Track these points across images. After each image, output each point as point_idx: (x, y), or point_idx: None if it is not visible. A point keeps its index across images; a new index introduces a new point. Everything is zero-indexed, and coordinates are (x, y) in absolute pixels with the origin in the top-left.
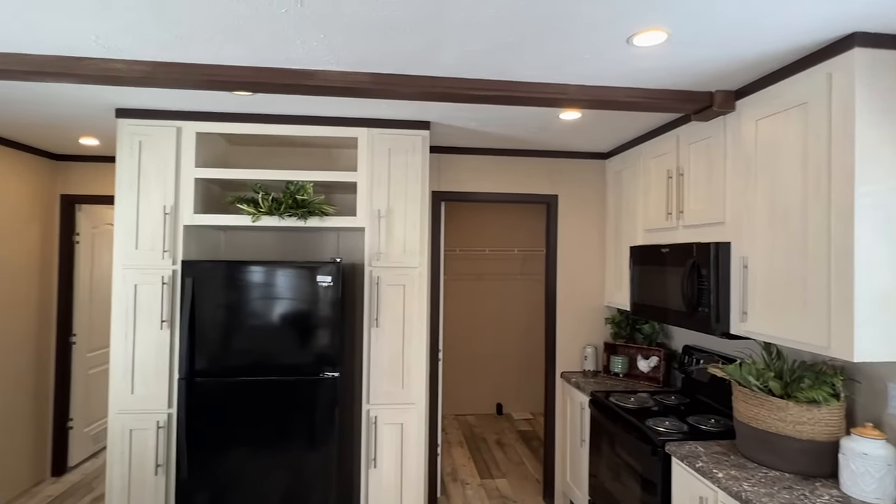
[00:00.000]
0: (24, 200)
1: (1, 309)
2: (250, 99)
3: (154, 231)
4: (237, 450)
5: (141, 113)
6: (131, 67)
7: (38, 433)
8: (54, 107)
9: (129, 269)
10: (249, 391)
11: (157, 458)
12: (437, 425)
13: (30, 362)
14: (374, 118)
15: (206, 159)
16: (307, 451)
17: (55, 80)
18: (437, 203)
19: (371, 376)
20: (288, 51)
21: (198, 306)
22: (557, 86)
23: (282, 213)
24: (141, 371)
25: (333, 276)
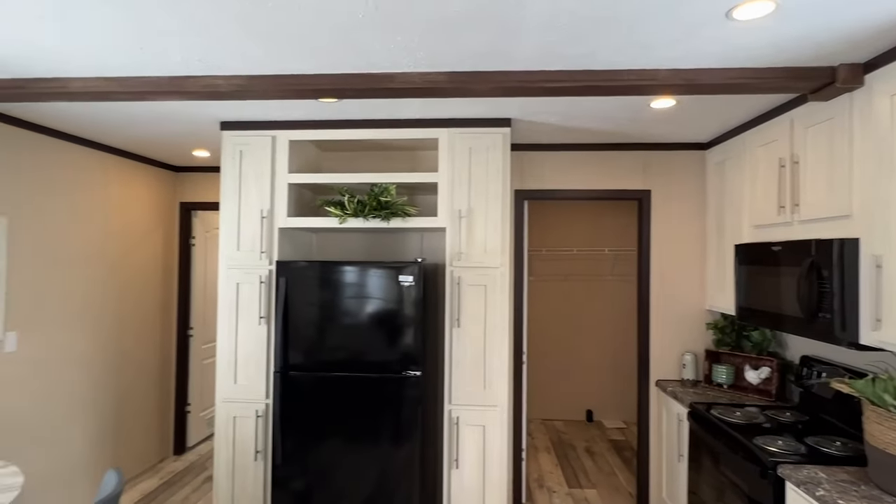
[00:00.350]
0: (150, 208)
1: (132, 305)
2: (336, 105)
3: (253, 233)
4: (326, 441)
5: (241, 125)
6: (229, 82)
7: (162, 416)
8: (171, 123)
9: (233, 269)
10: (337, 386)
11: (256, 444)
12: (522, 429)
13: (155, 352)
14: (454, 118)
15: (299, 165)
16: (391, 447)
17: (168, 98)
18: (519, 202)
19: (453, 376)
20: (367, 56)
21: (290, 304)
22: (645, 71)
23: (366, 215)
24: (242, 363)
25: (415, 276)
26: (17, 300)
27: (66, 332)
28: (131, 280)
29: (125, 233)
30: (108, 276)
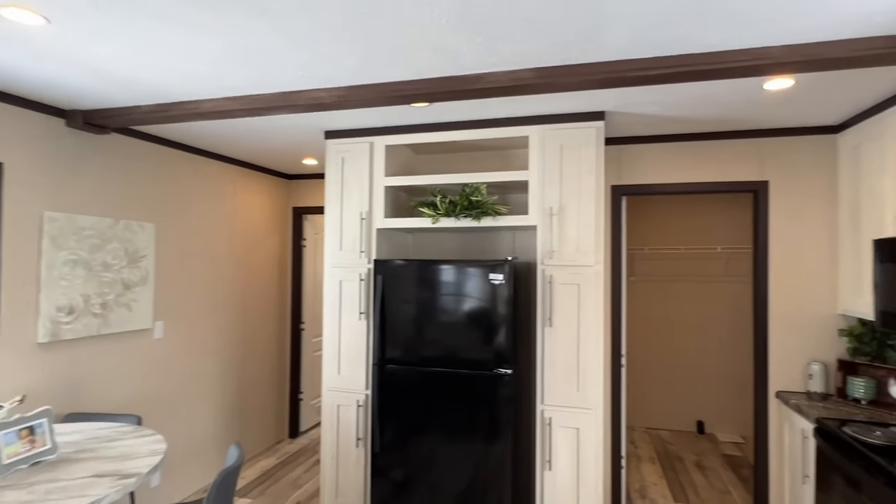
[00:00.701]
0: (268, 213)
1: (253, 300)
2: (428, 109)
3: (354, 234)
4: (420, 433)
5: (343, 133)
6: (330, 94)
7: (278, 402)
8: (283, 135)
9: (336, 268)
10: (431, 380)
11: (357, 432)
12: (620, 435)
13: (272, 344)
14: (544, 115)
15: (395, 169)
16: (483, 443)
17: (279, 111)
18: (616, 198)
19: (545, 377)
20: (454, 58)
21: (386, 300)
22: (753, 51)
23: (457, 215)
24: (345, 355)
25: (505, 275)
26: (163, 294)
27: (201, 322)
28: (252, 278)
29: (247, 235)
30: (234, 274)
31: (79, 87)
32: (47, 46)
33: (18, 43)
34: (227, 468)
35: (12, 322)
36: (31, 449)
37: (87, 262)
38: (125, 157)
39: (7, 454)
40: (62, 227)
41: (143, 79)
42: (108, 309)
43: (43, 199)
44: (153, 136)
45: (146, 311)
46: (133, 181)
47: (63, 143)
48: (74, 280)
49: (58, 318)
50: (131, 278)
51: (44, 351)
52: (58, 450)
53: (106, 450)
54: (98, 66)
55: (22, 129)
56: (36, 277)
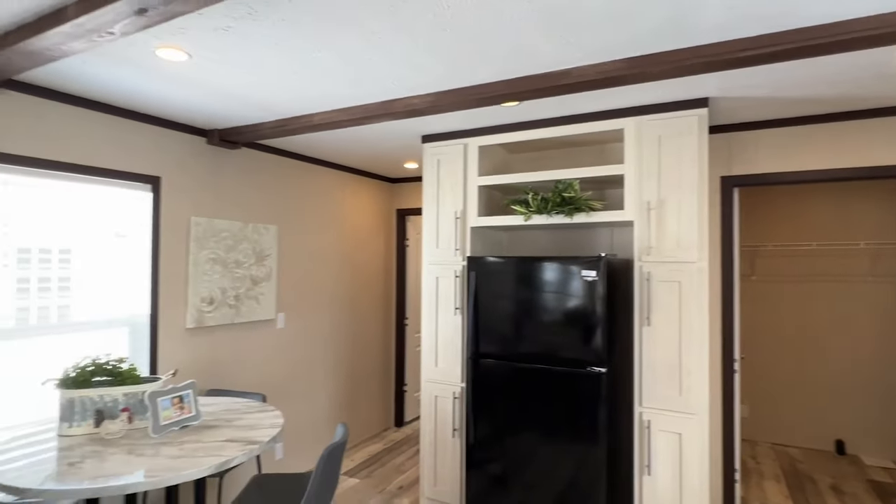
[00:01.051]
0: (374, 215)
1: (361, 298)
2: (518, 108)
3: (449, 233)
4: (513, 427)
5: (438, 136)
6: (422, 100)
7: (385, 392)
8: (385, 141)
9: (433, 265)
10: (522, 375)
11: (453, 423)
12: (734, 446)
13: (378, 338)
14: (640, 105)
15: (488, 168)
16: (576, 442)
17: (379, 120)
18: (727, 190)
19: (643, 377)
20: (537, 57)
21: (479, 295)
22: (884, 17)
23: (549, 211)
24: (442, 349)
25: (598, 271)
26: (284, 288)
27: (316, 315)
28: (360, 275)
29: (355, 236)
30: (343, 272)
31: (214, 109)
32: (189, 77)
33: (168, 75)
34: (333, 444)
35: (168, 311)
36: (181, 415)
37: (224, 260)
38: (253, 168)
39: (163, 417)
40: (204, 229)
41: (264, 99)
42: (240, 301)
43: (189, 206)
44: (276, 149)
45: (270, 304)
46: (259, 189)
47: (204, 158)
48: (213, 275)
49: (201, 308)
50: (258, 274)
51: (191, 335)
52: (200, 417)
53: (237, 420)
54: (228, 90)
55: (173, 147)
56: (185, 273)
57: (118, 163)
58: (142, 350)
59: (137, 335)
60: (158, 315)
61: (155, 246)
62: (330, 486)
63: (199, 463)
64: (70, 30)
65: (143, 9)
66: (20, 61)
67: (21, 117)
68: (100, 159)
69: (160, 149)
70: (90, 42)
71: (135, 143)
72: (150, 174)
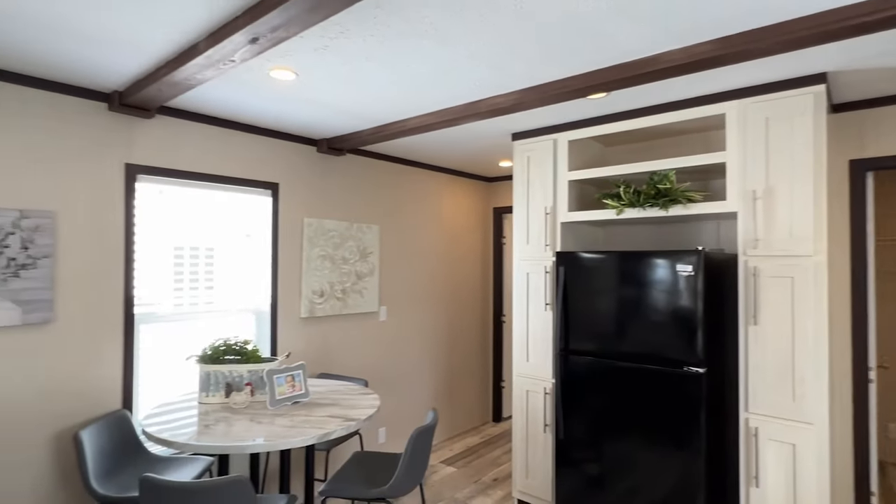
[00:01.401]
0: (470, 213)
1: (459, 294)
2: (608, 100)
3: (539, 228)
4: (602, 424)
5: (527, 133)
6: (507, 98)
7: (483, 388)
8: (476, 141)
9: (523, 261)
10: (613, 373)
11: (544, 418)
12: (869, 463)
13: (477, 334)
14: (742, 87)
15: (580, 163)
16: (670, 445)
17: (466, 120)
18: (858, 175)
19: (749, 381)
20: (620, 45)
21: (569, 291)
22: None
23: (642, 204)
24: (532, 344)
25: (695, 266)
26: (386, 284)
27: (415, 310)
28: (457, 272)
29: (452, 234)
30: (441, 269)
31: (320, 120)
32: (298, 93)
33: (280, 93)
34: (422, 426)
35: (286, 301)
36: (293, 391)
37: (332, 256)
38: (356, 172)
39: (278, 392)
40: (315, 229)
41: (362, 108)
42: (346, 294)
43: (302, 209)
44: (376, 154)
45: (373, 298)
46: (362, 191)
47: (314, 165)
48: (323, 271)
49: (313, 300)
50: (362, 270)
51: (304, 324)
52: (309, 395)
53: (340, 400)
54: (330, 102)
55: (289, 156)
56: (299, 268)
57: (244, 172)
58: (264, 335)
59: (261, 322)
60: (278, 305)
61: (275, 244)
62: (419, 465)
63: (305, 433)
64: (202, 61)
65: (255, 38)
66: (168, 91)
67: (170, 137)
68: (230, 169)
69: (278, 158)
70: (217, 70)
71: (257, 153)
72: (270, 181)
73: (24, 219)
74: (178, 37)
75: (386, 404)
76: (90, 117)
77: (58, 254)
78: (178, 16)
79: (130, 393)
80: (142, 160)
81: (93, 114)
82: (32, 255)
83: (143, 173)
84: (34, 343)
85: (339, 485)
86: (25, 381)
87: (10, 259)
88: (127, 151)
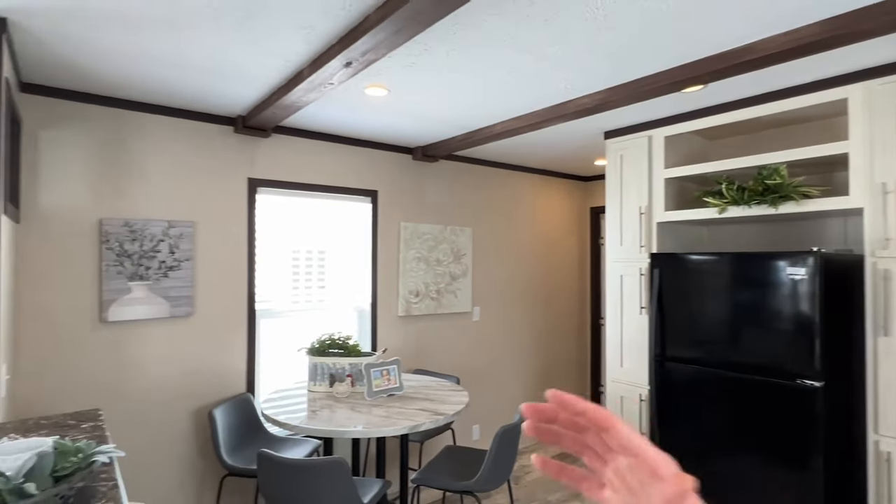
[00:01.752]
0: (565, 214)
1: (553, 296)
2: (706, 92)
3: (633, 229)
4: (702, 437)
5: (620, 131)
6: (593, 98)
7: (581, 391)
8: (567, 141)
9: (617, 263)
10: (714, 383)
11: (639, 427)
12: None
13: (573, 337)
14: (867, 68)
15: (678, 159)
16: (780, 465)
17: (552, 123)
18: None
19: (879, 399)
20: (709, 35)
21: (665, 294)
22: None
23: (747, 202)
24: (626, 348)
25: (809, 269)
26: (479, 284)
27: (508, 311)
28: (552, 274)
29: (547, 235)
30: (535, 270)
31: (413, 130)
32: (391, 107)
33: (376, 108)
34: (507, 425)
35: (384, 300)
36: (388, 384)
37: (426, 258)
38: (449, 177)
39: (375, 384)
40: (411, 233)
41: (451, 116)
42: (440, 294)
43: (399, 213)
44: (468, 158)
45: (467, 298)
46: (455, 195)
47: (410, 172)
48: (418, 272)
49: (409, 299)
50: (455, 271)
51: (400, 322)
52: (403, 389)
53: (431, 395)
54: (421, 113)
55: (386, 165)
56: (396, 270)
57: (347, 181)
58: (366, 331)
59: (363, 319)
60: (377, 304)
61: (374, 248)
62: (505, 462)
63: (397, 424)
64: (306, 86)
65: (349, 62)
66: (280, 113)
67: (284, 153)
68: (334, 179)
69: (377, 167)
70: (319, 92)
71: (358, 164)
72: (370, 188)
73: (172, 228)
74: (283, 65)
75: (479, 403)
76: (221, 140)
77: (196, 257)
78: (284, 48)
79: (253, 378)
80: (261, 174)
81: (223, 137)
82: (178, 258)
83: (262, 186)
84: (179, 333)
85: (430, 475)
86: (173, 364)
87: (161, 262)
88: (249, 167)
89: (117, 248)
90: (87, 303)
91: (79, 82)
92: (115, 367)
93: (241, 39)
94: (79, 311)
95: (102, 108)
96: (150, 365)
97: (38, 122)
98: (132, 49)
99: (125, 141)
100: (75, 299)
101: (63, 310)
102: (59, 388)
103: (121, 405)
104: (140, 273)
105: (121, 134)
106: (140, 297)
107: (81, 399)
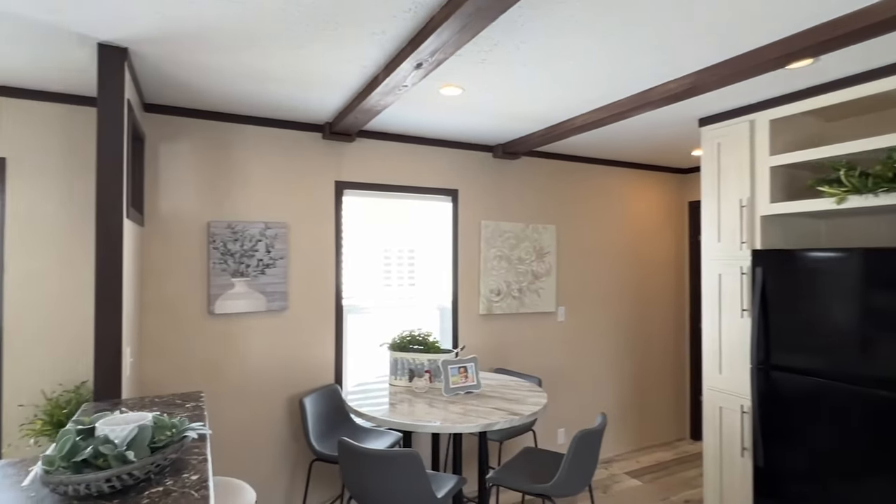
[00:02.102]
0: (660, 208)
1: (647, 296)
2: (817, 66)
3: (732, 224)
4: (812, 455)
5: (717, 117)
6: (679, 83)
7: (678, 399)
8: (657, 130)
9: (714, 261)
10: (827, 396)
11: (741, 440)
12: None
13: (670, 341)
14: None
15: (788, 144)
16: None
17: (636, 112)
18: None
19: None
20: (807, 2)
21: (769, 296)
22: None
23: (873, 190)
24: (726, 354)
25: None
26: (564, 284)
27: (597, 312)
28: (645, 273)
29: (638, 231)
30: (626, 269)
31: (491, 127)
32: (467, 105)
33: (452, 107)
34: (586, 430)
35: (465, 299)
36: (465, 382)
37: (508, 257)
38: (531, 174)
39: (452, 381)
40: (492, 231)
41: (528, 111)
42: (522, 294)
43: (480, 212)
44: (549, 154)
45: (550, 298)
46: (537, 192)
47: (490, 170)
48: (500, 271)
49: (490, 298)
50: (539, 270)
51: (481, 320)
52: (480, 387)
53: (508, 395)
54: (497, 110)
55: (466, 164)
56: (477, 268)
57: (428, 181)
58: (447, 329)
59: (444, 317)
60: (458, 302)
61: (455, 246)
62: (584, 468)
63: (472, 421)
64: (382, 90)
65: (419, 63)
66: (362, 118)
67: (367, 156)
68: (415, 179)
69: (457, 166)
70: (395, 95)
71: (439, 163)
72: (451, 188)
73: (268, 229)
74: (360, 70)
75: (564, 405)
76: (310, 146)
77: (290, 256)
78: (359, 54)
79: (340, 370)
80: (346, 177)
81: (312, 143)
82: (273, 257)
83: (348, 188)
84: (275, 326)
85: (507, 475)
86: (270, 355)
87: (259, 260)
88: (336, 171)
89: (222, 247)
90: (199, 296)
91: (189, 100)
92: (221, 354)
93: (321, 50)
94: (192, 303)
95: (209, 121)
96: (250, 354)
97: (158, 137)
98: (233, 68)
99: (228, 150)
100: (189, 293)
101: (179, 302)
102: (175, 371)
103: (226, 388)
104: (241, 270)
105: (225, 144)
106: (241, 292)
107: (193, 381)
